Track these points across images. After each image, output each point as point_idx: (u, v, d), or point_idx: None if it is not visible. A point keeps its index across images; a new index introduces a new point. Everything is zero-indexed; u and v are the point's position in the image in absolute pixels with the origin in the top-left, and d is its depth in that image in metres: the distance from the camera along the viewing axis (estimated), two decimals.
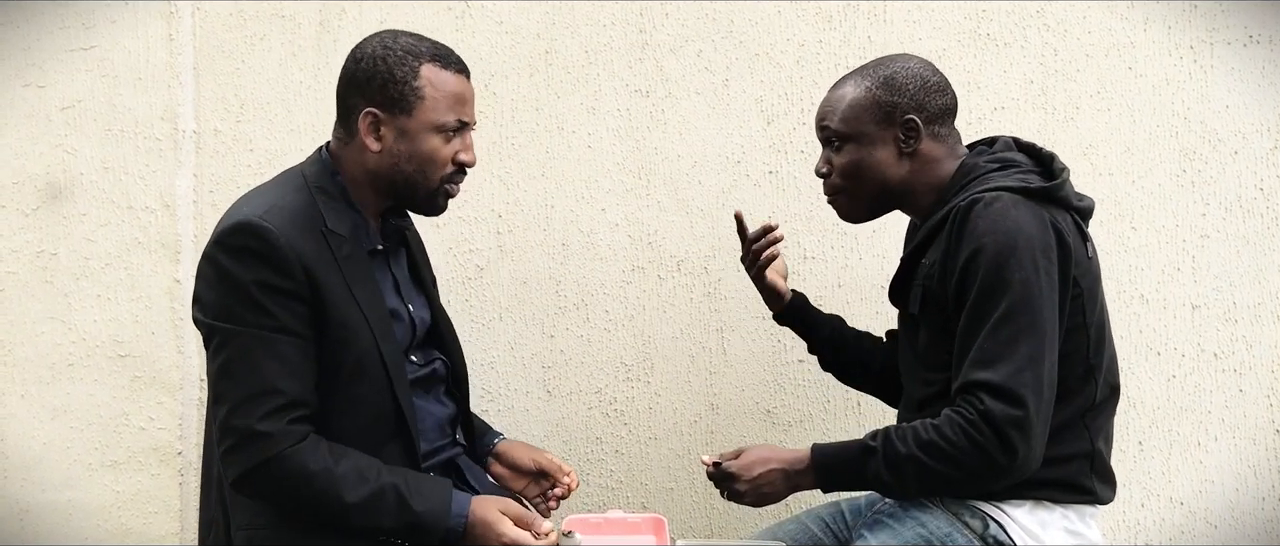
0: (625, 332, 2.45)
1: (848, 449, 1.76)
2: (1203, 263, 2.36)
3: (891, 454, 1.70)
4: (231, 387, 1.67)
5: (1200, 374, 2.36)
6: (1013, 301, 1.65)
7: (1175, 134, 2.36)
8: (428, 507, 1.69)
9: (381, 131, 1.76)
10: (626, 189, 2.43)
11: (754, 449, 1.84)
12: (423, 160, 1.77)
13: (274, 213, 1.70)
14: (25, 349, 2.47)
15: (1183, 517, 2.37)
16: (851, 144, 1.84)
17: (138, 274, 2.47)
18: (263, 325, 1.66)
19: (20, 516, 2.48)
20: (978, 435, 1.63)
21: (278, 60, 2.45)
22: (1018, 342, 1.64)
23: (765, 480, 1.81)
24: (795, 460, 1.79)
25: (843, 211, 1.92)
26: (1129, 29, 2.35)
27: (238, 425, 1.65)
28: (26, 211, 2.47)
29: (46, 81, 2.46)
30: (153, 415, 2.48)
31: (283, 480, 1.65)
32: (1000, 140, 1.88)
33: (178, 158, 2.46)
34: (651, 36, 2.42)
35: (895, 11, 2.38)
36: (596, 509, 2.41)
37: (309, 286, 1.68)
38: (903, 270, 1.88)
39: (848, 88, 1.86)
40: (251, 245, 1.66)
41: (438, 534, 1.69)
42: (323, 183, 1.79)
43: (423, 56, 1.76)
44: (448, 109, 1.77)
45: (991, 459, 1.64)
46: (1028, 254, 1.66)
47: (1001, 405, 1.62)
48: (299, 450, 1.65)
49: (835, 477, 1.79)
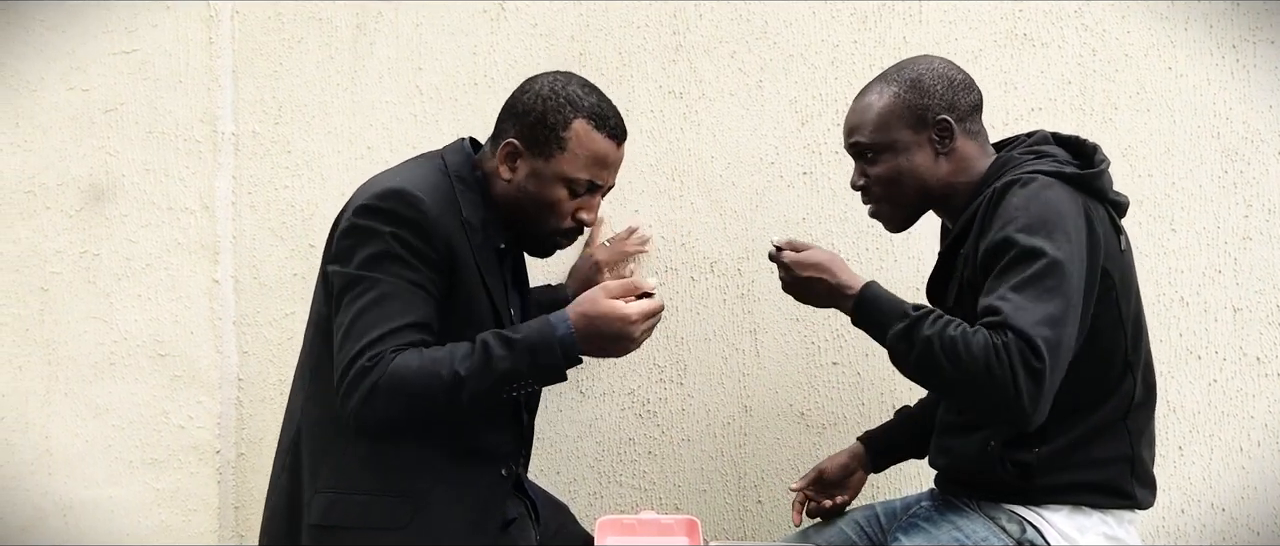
0: (658, 333, 2.43)
1: (891, 304, 1.72)
2: (1245, 265, 2.32)
3: (917, 329, 1.64)
4: (365, 328, 1.68)
5: (1242, 378, 2.33)
6: (1042, 267, 1.60)
7: (1217, 134, 2.32)
8: (529, 332, 1.69)
9: (516, 164, 1.81)
10: (660, 190, 2.44)
11: (816, 252, 1.82)
12: (544, 206, 1.81)
13: (424, 188, 1.75)
14: (68, 348, 2.52)
15: (1224, 523, 2.34)
16: (887, 153, 1.82)
17: (178, 274, 2.50)
18: (403, 277, 1.70)
19: (63, 513, 2.52)
20: (997, 365, 1.56)
21: (315, 63, 2.47)
22: (1043, 302, 1.59)
23: (810, 287, 1.81)
24: (845, 284, 1.77)
25: (887, 222, 1.89)
26: (1169, 28, 2.32)
27: (366, 357, 1.67)
28: (70, 213, 2.51)
29: (90, 85, 2.50)
30: (192, 414, 2.52)
31: (394, 388, 1.65)
32: (1036, 134, 1.86)
33: (217, 159, 2.50)
34: (685, 38, 2.42)
35: (931, 11, 2.36)
36: (629, 510, 2.42)
37: (448, 260, 1.73)
38: (941, 266, 1.86)
39: (873, 96, 1.83)
40: (402, 210, 1.71)
41: (553, 350, 1.68)
42: (463, 173, 1.83)
43: (581, 110, 1.80)
44: (584, 167, 1.80)
45: (1000, 392, 1.56)
46: (1061, 229, 1.64)
47: (1026, 351, 1.56)
48: (395, 358, 1.66)
49: (866, 319, 1.75)
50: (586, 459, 2.48)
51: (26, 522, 2.53)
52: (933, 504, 1.91)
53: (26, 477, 2.53)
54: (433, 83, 2.46)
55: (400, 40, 2.46)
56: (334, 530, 1.75)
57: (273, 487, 1.87)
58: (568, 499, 2.34)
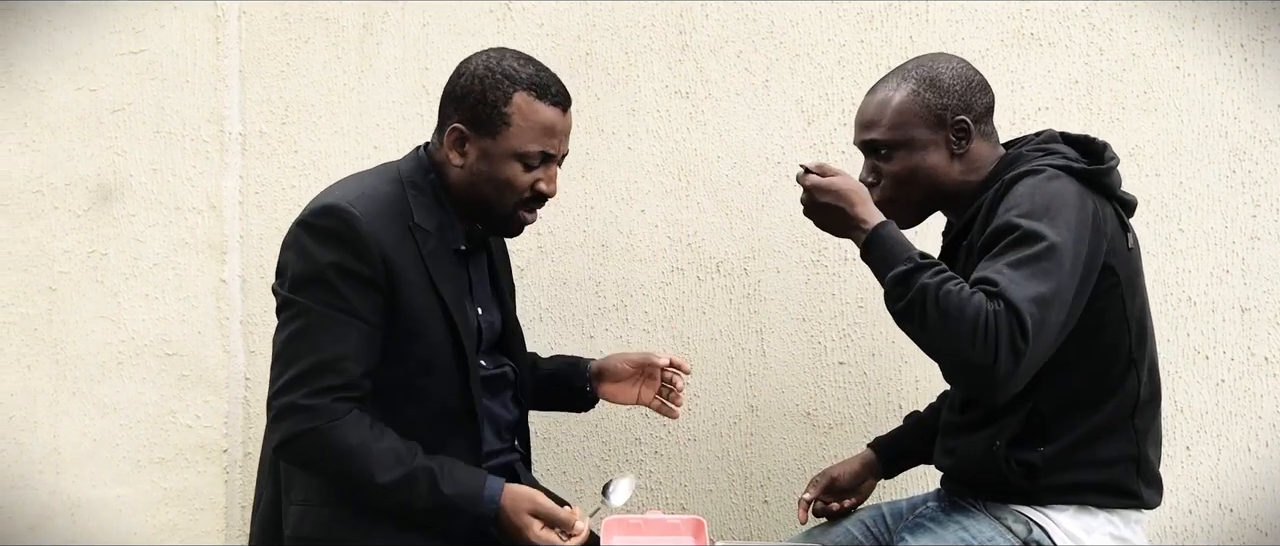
0: (664, 334, 2.45)
1: (900, 246, 1.67)
2: (1253, 265, 2.31)
3: (915, 275, 1.61)
4: (291, 359, 1.70)
5: (1250, 378, 2.32)
6: (1041, 249, 1.59)
7: (1224, 133, 2.32)
8: (458, 491, 1.70)
9: (465, 148, 1.79)
10: (666, 190, 2.44)
11: (840, 179, 1.74)
12: (500, 184, 1.79)
13: (362, 200, 1.74)
14: (76, 347, 2.52)
15: (1232, 524, 2.33)
16: (902, 151, 1.79)
17: (185, 274, 2.51)
18: (333, 306, 1.69)
19: (71, 511, 2.53)
20: (984, 331, 1.54)
21: (322, 63, 2.48)
22: (1037, 282, 1.57)
23: (828, 214, 1.74)
24: (861, 217, 1.71)
25: (899, 221, 1.85)
26: (1177, 27, 2.31)
27: (286, 396, 1.69)
28: (78, 212, 2.52)
29: (97, 85, 2.51)
30: (199, 413, 2.52)
31: (319, 451, 1.68)
32: (1044, 133, 1.85)
33: (224, 159, 2.50)
34: (691, 38, 2.42)
35: (937, 11, 2.36)
36: (635, 509, 2.42)
37: (386, 275, 1.71)
38: (944, 257, 1.84)
39: (890, 92, 1.81)
40: (334, 227, 1.71)
41: (468, 518, 1.70)
42: (416, 178, 1.82)
43: (520, 83, 1.77)
44: (533, 139, 1.78)
45: (979, 356, 1.54)
46: (1062, 217, 1.63)
47: (1013, 325, 1.54)
48: (339, 425, 1.68)
49: (873, 255, 1.70)
50: (593, 458, 2.48)
51: (35, 521, 2.54)
52: (939, 504, 1.90)
53: (35, 476, 2.54)
54: (439, 82, 2.43)
55: (406, 40, 2.47)
56: (309, 541, 1.76)
57: (258, 497, 1.89)
58: (574, 498, 2.33)
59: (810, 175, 1.77)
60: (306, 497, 1.77)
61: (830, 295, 2.40)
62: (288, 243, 1.76)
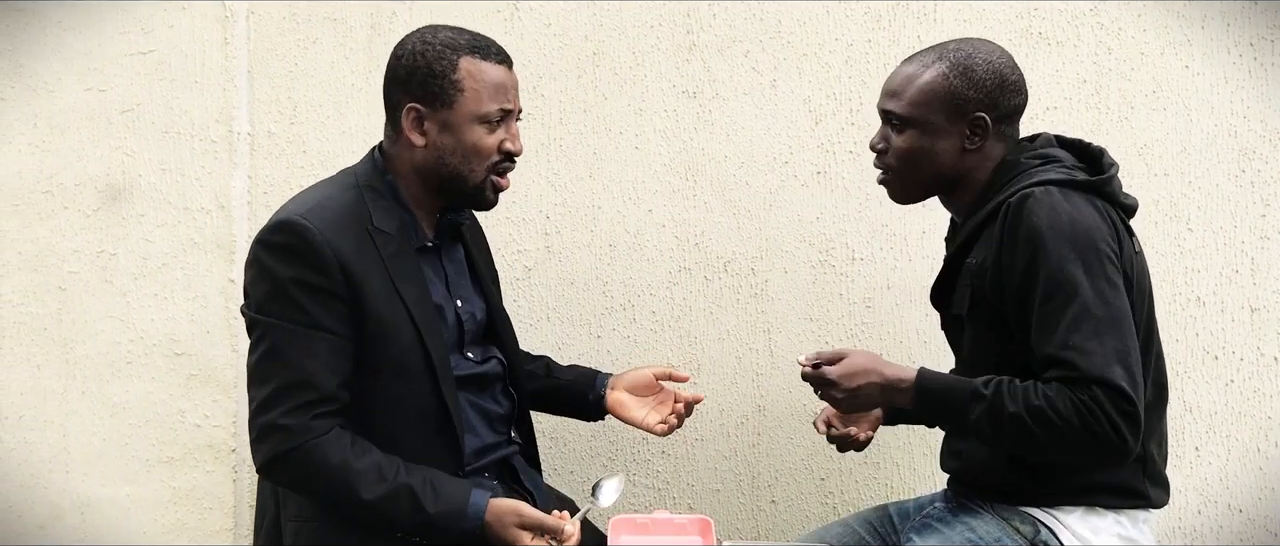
0: (672, 334, 2.45)
1: (956, 387, 1.68)
2: (1262, 264, 2.31)
3: (998, 407, 1.62)
4: (264, 380, 1.71)
5: (1260, 378, 2.31)
6: (1088, 300, 1.60)
7: (1234, 133, 2.31)
8: (442, 509, 1.69)
9: (425, 126, 1.79)
10: (673, 190, 2.44)
11: (856, 356, 1.75)
12: (467, 151, 1.79)
13: (316, 211, 1.73)
14: (85, 346, 2.53)
15: (1242, 524, 2.32)
16: (914, 130, 1.77)
17: (194, 274, 2.52)
18: (298, 321, 1.69)
19: (81, 510, 2.54)
20: (1095, 423, 1.56)
21: (329, 63, 2.48)
22: (1104, 338, 1.59)
23: (864, 392, 1.74)
24: (898, 379, 1.71)
25: (892, 191, 1.86)
26: (1185, 26, 2.31)
27: (264, 416, 1.69)
28: (87, 212, 2.53)
29: (106, 85, 2.51)
30: (207, 413, 2.53)
31: (303, 470, 1.69)
32: (1040, 137, 1.83)
33: (232, 159, 2.51)
34: (699, 37, 2.42)
35: (945, 11, 2.36)
36: (643, 509, 2.42)
37: (346, 284, 1.71)
38: (946, 271, 1.84)
39: (921, 69, 1.77)
40: (290, 242, 1.70)
41: (452, 535, 1.70)
42: (372, 181, 1.82)
43: (461, 49, 1.78)
44: (489, 99, 1.79)
45: (1104, 446, 1.58)
46: (1089, 245, 1.63)
47: (1116, 399, 1.57)
48: (320, 443, 1.68)
49: (933, 408, 1.71)
50: (600, 458, 2.48)
51: (44, 520, 2.55)
52: (946, 504, 1.90)
53: (44, 475, 2.55)
54: None
55: None
56: None
57: (261, 515, 1.90)
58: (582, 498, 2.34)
59: (823, 368, 1.75)
60: (300, 512, 1.78)
61: (838, 295, 2.40)
62: (249, 262, 1.76)
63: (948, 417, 1.72)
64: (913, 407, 1.72)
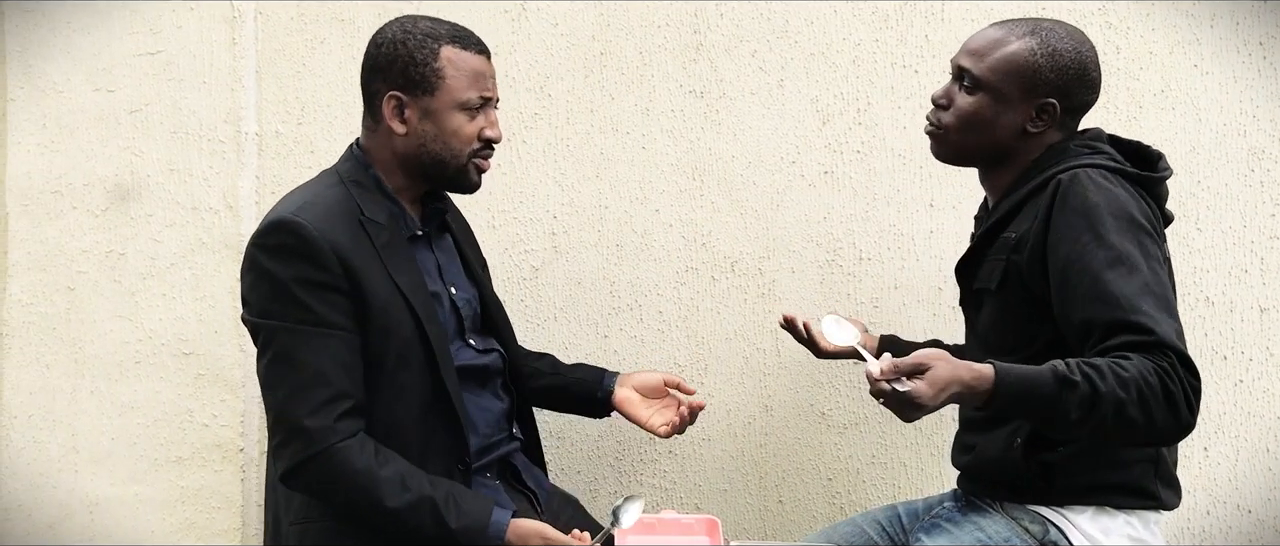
0: (679, 333, 2.45)
1: (1038, 378, 1.54)
2: (1272, 264, 2.30)
3: (1097, 392, 1.50)
4: (279, 383, 1.70)
5: (1269, 378, 2.30)
6: (1146, 273, 1.58)
7: (1243, 132, 2.30)
8: (464, 524, 1.69)
9: (406, 114, 1.81)
10: (680, 190, 2.44)
11: (938, 366, 1.53)
12: (449, 137, 1.81)
13: (307, 208, 1.74)
14: (95, 346, 2.54)
15: (1251, 525, 2.32)
16: (985, 94, 1.75)
17: (202, 273, 2.52)
18: (304, 320, 1.69)
19: (89, 509, 2.55)
20: (1171, 385, 1.51)
21: (337, 63, 2.48)
22: (1166, 312, 1.57)
23: (946, 403, 1.56)
24: (976, 378, 1.54)
25: (938, 149, 1.84)
26: (1194, 25, 2.30)
27: (287, 420, 1.69)
28: (96, 212, 2.53)
29: (115, 86, 2.52)
30: (216, 412, 2.53)
31: (327, 476, 1.68)
32: (1091, 130, 1.82)
33: (240, 159, 2.51)
34: (706, 37, 2.42)
35: (953, 10, 2.35)
36: (650, 509, 2.41)
37: (347, 278, 1.71)
38: (978, 246, 1.82)
39: (1010, 37, 1.75)
40: (287, 242, 1.70)
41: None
42: (356, 176, 1.83)
43: (441, 38, 1.80)
44: (469, 86, 1.81)
45: (1176, 415, 1.52)
46: (1141, 227, 1.63)
47: (1187, 372, 1.53)
48: (345, 447, 1.67)
49: (1016, 404, 1.56)
50: (607, 458, 2.48)
51: (53, 519, 2.55)
52: (955, 504, 1.90)
53: (53, 474, 2.55)
54: None
55: None
56: None
57: (267, 514, 1.90)
58: (589, 497, 2.34)
59: (909, 390, 1.52)
60: (306, 514, 1.78)
61: (845, 295, 2.40)
62: (245, 268, 1.76)
63: (1031, 409, 1.57)
64: (993, 406, 1.57)
